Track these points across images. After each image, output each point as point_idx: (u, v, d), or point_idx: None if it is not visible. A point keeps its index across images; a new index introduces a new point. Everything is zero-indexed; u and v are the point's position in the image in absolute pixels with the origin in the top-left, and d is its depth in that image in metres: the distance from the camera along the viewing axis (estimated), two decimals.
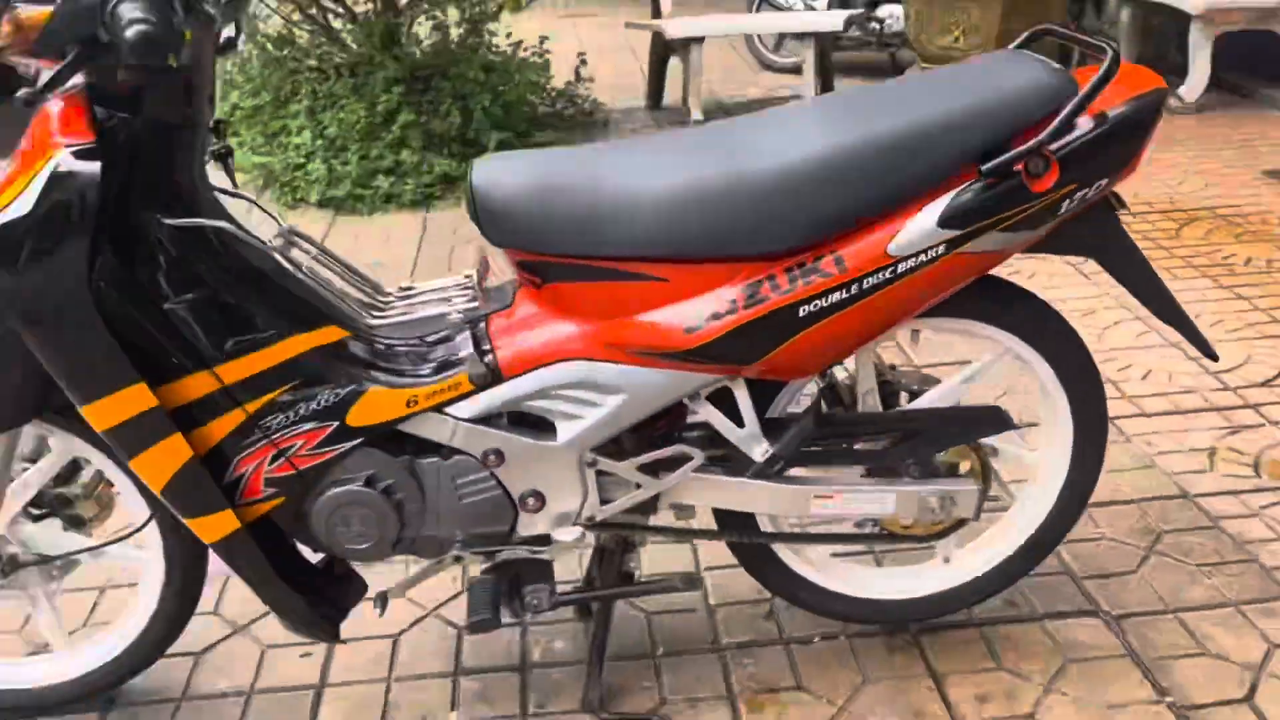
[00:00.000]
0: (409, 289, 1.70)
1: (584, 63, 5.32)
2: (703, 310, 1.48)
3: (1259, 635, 1.89)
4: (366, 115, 4.30)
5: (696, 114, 5.23)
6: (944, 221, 1.44)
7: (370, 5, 4.71)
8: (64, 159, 1.36)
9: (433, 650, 1.95)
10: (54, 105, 1.44)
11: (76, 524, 1.76)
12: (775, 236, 1.45)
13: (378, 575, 1.79)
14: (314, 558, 1.73)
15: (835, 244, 1.46)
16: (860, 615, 1.90)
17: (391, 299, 1.67)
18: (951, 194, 1.45)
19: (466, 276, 1.70)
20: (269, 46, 4.76)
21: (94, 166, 1.35)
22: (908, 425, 1.68)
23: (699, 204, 1.45)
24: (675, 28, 5.12)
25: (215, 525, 1.54)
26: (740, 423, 1.61)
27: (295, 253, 1.60)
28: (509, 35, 5.08)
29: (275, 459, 1.54)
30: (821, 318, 1.48)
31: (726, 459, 1.65)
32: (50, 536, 1.74)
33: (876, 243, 1.46)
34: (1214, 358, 1.71)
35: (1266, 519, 2.20)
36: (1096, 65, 1.48)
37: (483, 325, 1.58)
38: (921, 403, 1.72)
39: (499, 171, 1.51)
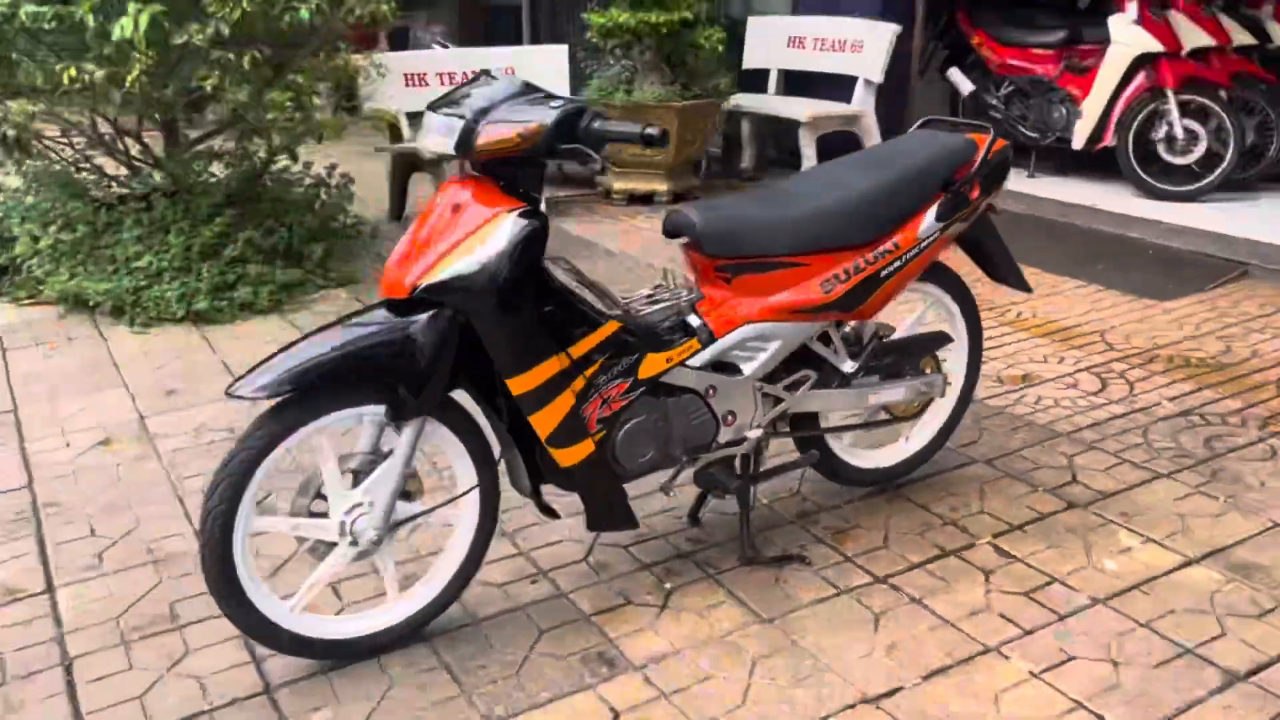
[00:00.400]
0: (626, 298, 2.59)
1: (351, 182, 6.02)
2: (830, 281, 2.57)
3: (1058, 453, 3.30)
4: (208, 236, 4.73)
5: None
6: (938, 218, 2.67)
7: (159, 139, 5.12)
8: (513, 218, 2.15)
9: (617, 561, 2.76)
10: (462, 192, 2.20)
11: (406, 498, 2.39)
12: (865, 233, 2.59)
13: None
14: None
15: (892, 234, 2.63)
16: (870, 480, 3.03)
17: (620, 302, 2.55)
18: (938, 203, 2.68)
19: (655, 288, 2.63)
20: (66, 183, 4.97)
21: (536, 220, 2.16)
22: (906, 346, 2.87)
23: (826, 218, 2.55)
24: None
25: (577, 451, 2.33)
26: (836, 351, 2.71)
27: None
28: (284, 164, 5.65)
29: (602, 405, 2.37)
30: (889, 278, 2.64)
31: (820, 378, 2.73)
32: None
33: (910, 231, 2.65)
34: (1029, 290, 3.11)
35: (1020, 404, 3.67)
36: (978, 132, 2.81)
37: (695, 308, 2.52)
38: (899, 335, 2.92)
39: (707, 214, 2.48)
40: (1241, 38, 6.51)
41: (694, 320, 2.50)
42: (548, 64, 6.75)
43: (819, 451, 2.88)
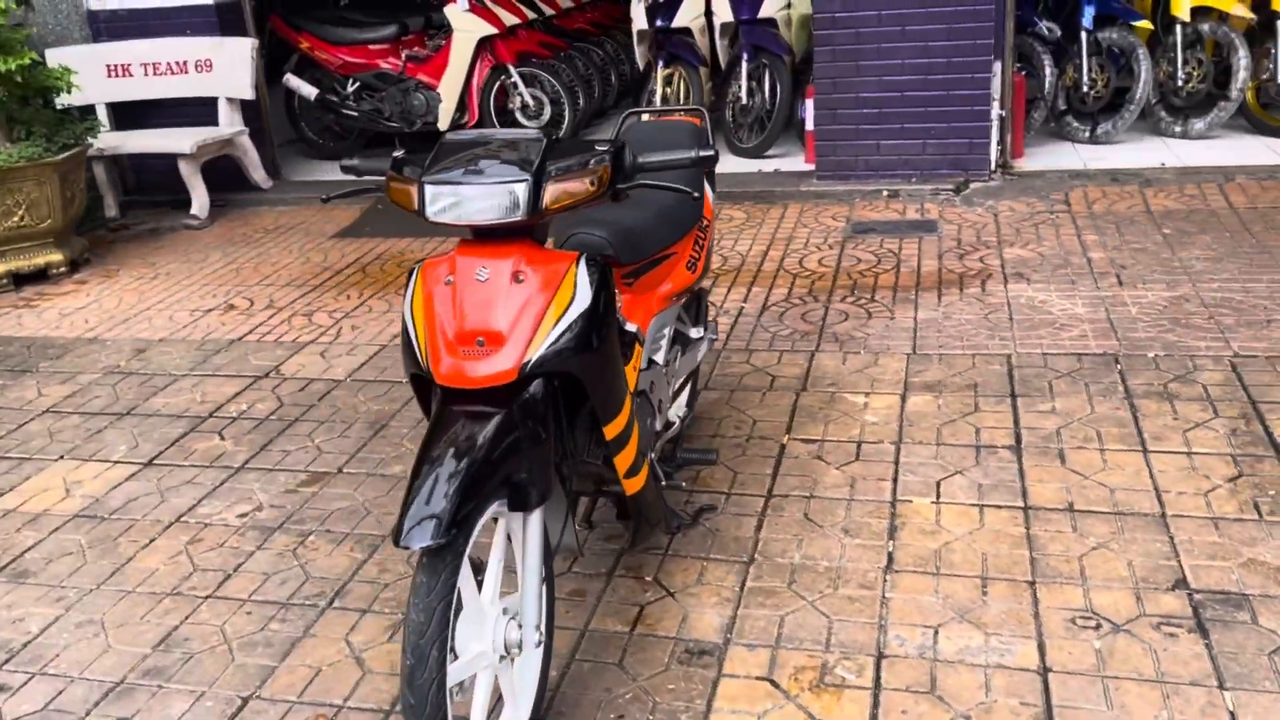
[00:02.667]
0: None
1: None
2: (690, 260, 2.89)
3: (739, 363, 4.02)
4: None
5: None
6: (712, 186, 3.13)
7: None
8: (585, 266, 2.10)
9: (583, 586, 2.80)
10: (503, 259, 2.07)
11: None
12: (697, 212, 2.94)
13: None
14: None
15: (703, 209, 3.02)
16: (677, 430, 3.42)
17: None
18: (705, 175, 3.12)
19: None
20: None
21: (599, 263, 2.13)
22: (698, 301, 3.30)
23: (676, 208, 2.84)
24: None
25: (642, 475, 2.38)
26: (684, 321, 3.04)
27: None
28: None
29: None
30: (712, 245, 3.03)
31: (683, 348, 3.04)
32: None
33: (707, 201, 3.07)
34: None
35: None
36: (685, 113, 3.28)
37: (624, 317, 2.66)
38: None
39: (608, 230, 2.60)
40: (530, 13, 7.68)
41: (631, 326, 2.64)
42: None
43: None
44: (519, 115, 7.16)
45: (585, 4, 8.94)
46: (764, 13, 6.64)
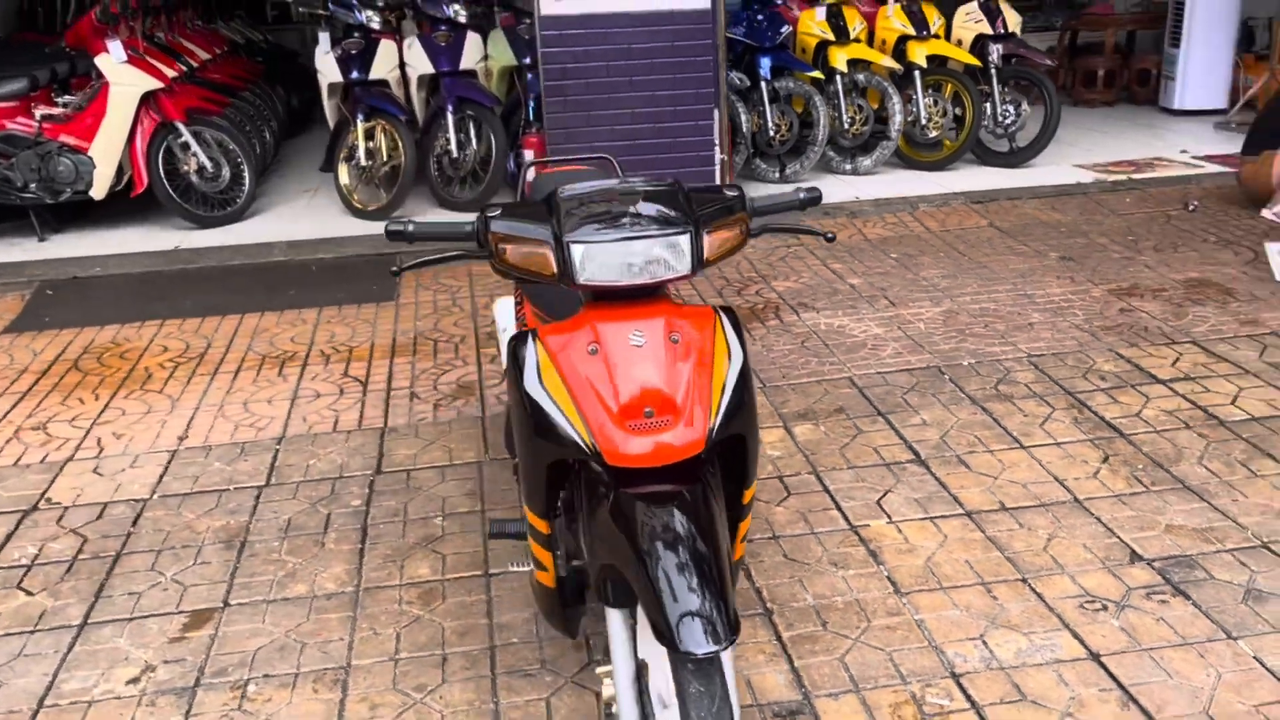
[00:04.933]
0: None
1: None
2: None
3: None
4: None
5: None
6: None
7: None
8: (726, 318, 1.93)
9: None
10: (653, 320, 1.86)
11: None
12: None
13: None
14: None
15: None
16: None
17: None
18: None
19: None
20: None
21: (737, 318, 1.97)
22: None
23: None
24: None
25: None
26: None
27: None
28: None
29: None
30: None
31: None
32: None
33: None
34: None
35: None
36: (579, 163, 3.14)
37: None
38: None
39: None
40: (182, 66, 6.91)
41: None
42: None
43: None
44: (194, 178, 6.37)
45: (219, 57, 8.18)
46: (464, 64, 6.51)
